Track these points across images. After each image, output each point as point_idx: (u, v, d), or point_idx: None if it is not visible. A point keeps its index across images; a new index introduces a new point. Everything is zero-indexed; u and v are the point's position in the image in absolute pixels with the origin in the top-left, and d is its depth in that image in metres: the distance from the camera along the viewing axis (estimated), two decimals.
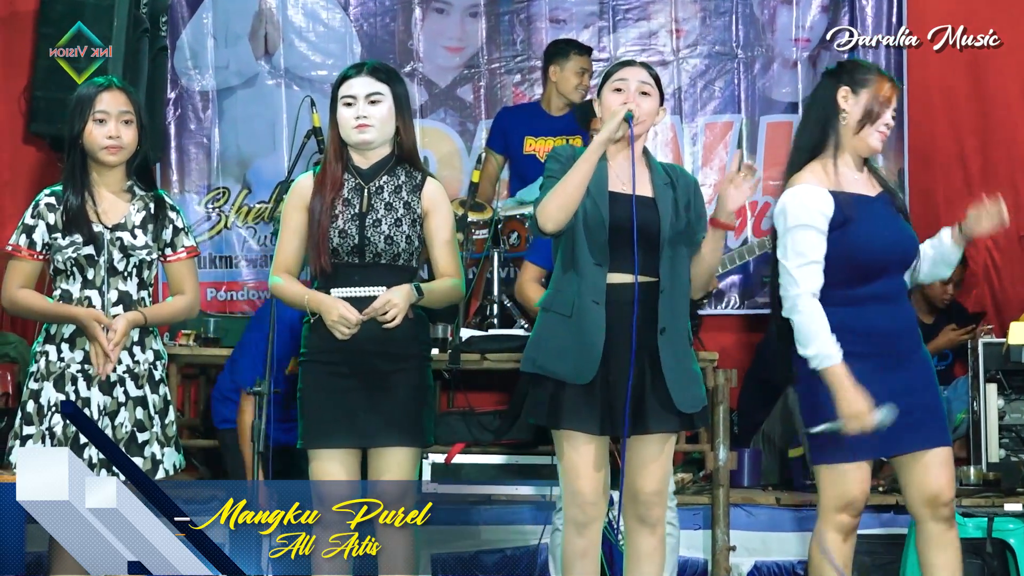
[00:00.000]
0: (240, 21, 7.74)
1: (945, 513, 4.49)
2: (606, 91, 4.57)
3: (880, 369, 4.43)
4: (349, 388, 4.54)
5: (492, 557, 6.26)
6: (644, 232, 4.45)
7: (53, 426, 4.57)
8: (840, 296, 4.45)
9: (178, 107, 7.72)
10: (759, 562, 6.28)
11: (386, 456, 4.56)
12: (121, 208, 4.67)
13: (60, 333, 4.62)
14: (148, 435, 4.64)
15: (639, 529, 4.58)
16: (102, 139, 4.61)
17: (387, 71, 4.65)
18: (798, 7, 7.68)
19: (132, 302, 4.64)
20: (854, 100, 4.48)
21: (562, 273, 4.51)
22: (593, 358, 4.41)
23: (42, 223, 4.64)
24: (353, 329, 4.48)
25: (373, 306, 4.48)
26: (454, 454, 6.21)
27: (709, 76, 7.73)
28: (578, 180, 4.40)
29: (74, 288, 4.62)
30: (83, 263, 4.61)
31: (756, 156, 7.69)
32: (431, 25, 7.79)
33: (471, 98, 7.81)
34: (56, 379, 4.59)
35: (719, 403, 6.15)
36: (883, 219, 4.49)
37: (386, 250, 4.55)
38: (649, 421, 4.46)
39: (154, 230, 4.68)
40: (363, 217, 4.57)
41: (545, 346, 4.48)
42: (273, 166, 7.50)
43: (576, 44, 7.23)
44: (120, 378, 4.61)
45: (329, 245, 4.54)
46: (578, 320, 4.44)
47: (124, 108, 4.63)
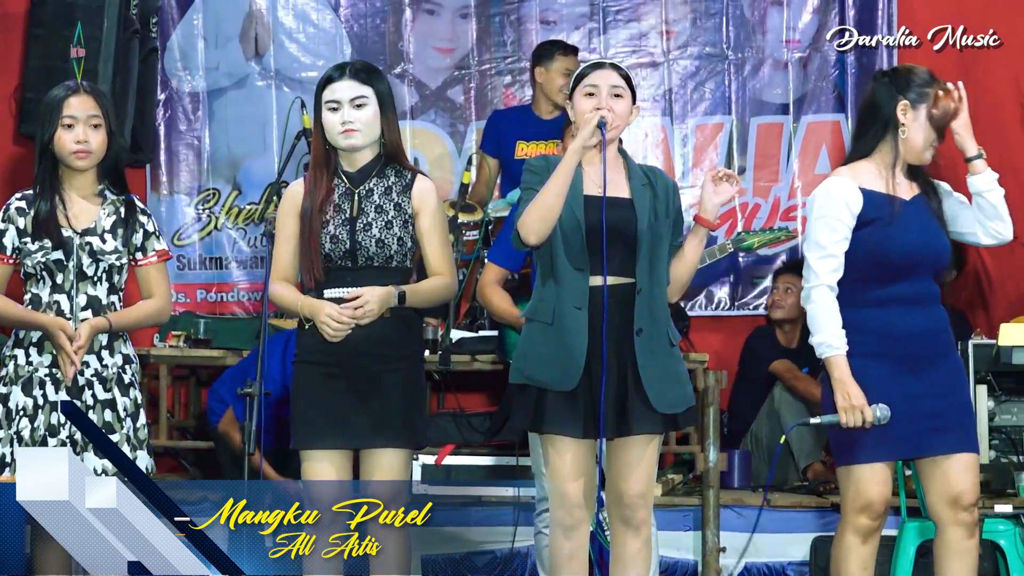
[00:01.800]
0: (230, 22, 7.74)
1: (966, 518, 4.49)
2: (578, 96, 4.56)
3: (899, 371, 4.45)
4: (341, 389, 4.53)
5: (482, 558, 6.26)
6: (622, 233, 4.45)
7: (21, 430, 4.55)
8: (863, 296, 4.48)
9: (168, 108, 7.71)
10: (749, 563, 6.28)
11: (378, 457, 4.56)
12: (91, 212, 4.65)
13: (28, 337, 4.60)
14: (118, 437, 4.60)
15: (624, 531, 4.58)
16: (71, 144, 4.58)
17: (368, 71, 4.62)
18: (789, 8, 7.68)
19: (101, 307, 4.61)
20: (913, 115, 4.49)
21: (542, 283, 4.52)
22: (576, 365, 4.41)
23: (12, 227, 4.61)
24: (341, 329, 4.47)
25: (348, 305, 4.48)
26: (444, 455, 6.22)
27: (700, 77, 7.73)
28: (556, 190, 4.41)
29: (43, 292, 4.60)
30: (52, 268, 4.59)
31: (747, 157, 7.69)
32: (421, 26, 7.78)
33: (461, 99, 7.80)
34: (24, 383, 4.57)
35: (709, 404, 6.16)
36: (914, 221, 4.49)
37: (378, 253, 4.55)
38: (631, 423, 4.46)
39: (124, 234, 4.65)
40: (354, 222, 4.56)
41: (530, 355, 4.49)
42: (263, 167, 7.49)
43: (562, 45, 7.22)
44: (88, 381, 4.59)
45: (321, 251, 4.54)
46: (559, 327, 4.44)
47: (92, 112, 4.61)
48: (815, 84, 7.69)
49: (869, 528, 4.49)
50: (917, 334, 4.47)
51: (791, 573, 6.26)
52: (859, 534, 4.50)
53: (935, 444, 4.48)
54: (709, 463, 6.19)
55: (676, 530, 6.20)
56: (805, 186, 7.66)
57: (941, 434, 4.46)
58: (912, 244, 4.47)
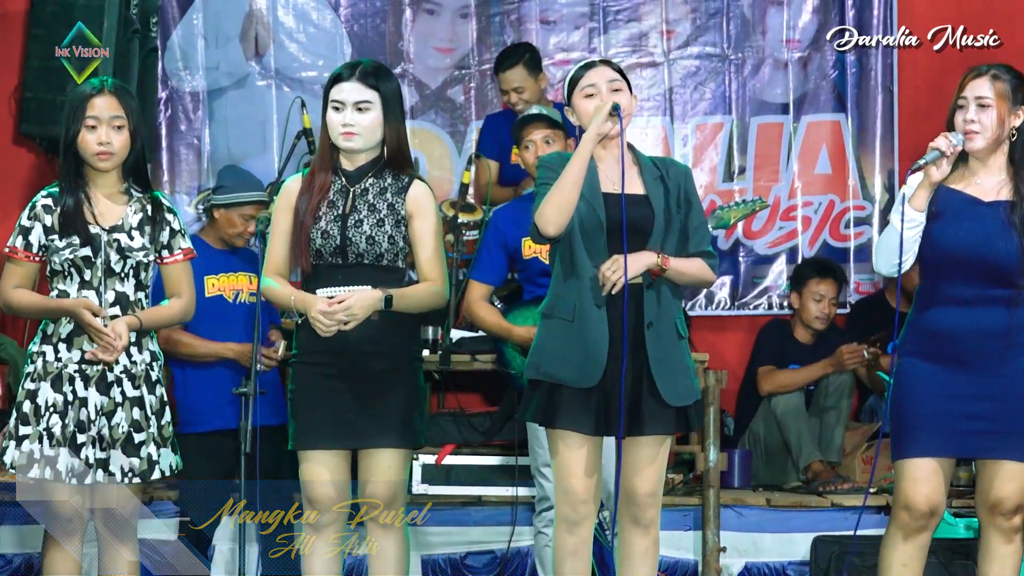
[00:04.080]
0: (230, 22, 7.73)
1: (1003, 524, 4.51)
2: (577, 98, 4.56)
3: (946, 370, 4.48)
4: (339, 389, 4.54)
5: (482, 558, 6.26)
6: (641, 230, 4.47)
7: (51, 426, 4.57)
8: (920, 293, 4.55)
9: (168, 108, 7.71)
10: (749, 563, 6.28)
11: (377, 457, 4.56)
12: (118, 210, 4.69)
13: (57, 333, 4.62)
14: (145, 435, 4.64)
15: (632, 530, 4.58)
16: (93, 145, 4.62)
17: (378, 74, 4.61)
18: (789, 8, 7.68)
19: (129, 303, 4.65)
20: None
21: (563, 279, 4.51)
22: (598, 363, 4.43)
23: (39, 225, 4.65)
24: (332, 325, 4.47)
25: (335, 308, 4.47)
26: (444, 455, 6.21)
27: (700, 77, 7.73)
28: (572, 179, 4.41)
29: (71, 289, 4.63)
30: (80, 264, 4.62)
31: (747, 157, 7.69)
32: (421, 26, 7.78)
33: (461, 99, 7.80)
34: (53, 379, 4.60)
35: (710, 404, 6.16)
36: (976, 223, 4.48)
37: (368, 250, 4.55)
38: (644, 423, 4.48)
39: (151, 232, 4.69)
40: (345, 218, 4.57)
41: (548, 351, 4.49)
42: (263, 167, 7.47)
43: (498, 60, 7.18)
44: (117, 378, 4.62)
45: (312, 246, 4.54)
46: (581, 325, 4.45)
47: (115, 113, 4.64)
48: (815, 84, 7.69)
49: (910, 526, 4.52)
50: (961, 335, 4.47)
51: (791, 573, 6.26)
52: (900, 530, 4.54)
53: (977, 446, 4.50)
54: (709, 463, 6.19)
55: (676, 530, 6.19)
56: (805, 186, 7.67)
57: (987, 437, 4.47)
58: (960, 245, 4.47)
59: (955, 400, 4.45)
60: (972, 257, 4.47)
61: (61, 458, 4.54)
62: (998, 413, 4.46)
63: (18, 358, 6.38)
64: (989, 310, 4.47)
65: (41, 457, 4.55)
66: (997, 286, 4.47)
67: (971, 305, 4.48)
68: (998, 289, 4.47)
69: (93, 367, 4.59)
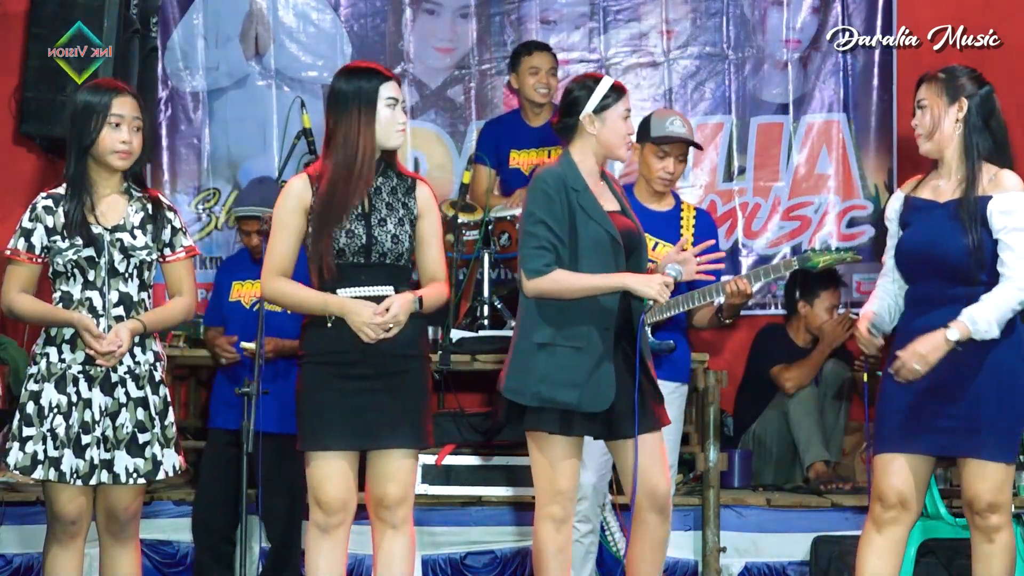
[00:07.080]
0: (230, 22, 7.73)
1: (980, 523, 4.54)
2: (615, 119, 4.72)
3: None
4: (350, 390, 4.54)
5: (482, 558, 6.26)
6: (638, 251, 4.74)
7: (55, 427, 4.57)
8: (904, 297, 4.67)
9: (168, 108, 7.70)
10: (749, 563, 6.29)
11: (387, 457, 4.56)
12: (119, 210, 4.69)
13: (61, 334, 4.63)
14: (149, 436, 4.65)
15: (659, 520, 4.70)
16: (116, 143, 4.63)
17: None
18: (789, 8, 7.69)
19: (133, 303, 4.65)
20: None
21: (559, 307, 4.60)
22: (611, 384, 4.57)
23: (40, 226, 4.65)
24: (378, 331, 4.48)
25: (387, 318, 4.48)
26: (444, 455, 6.21)
27: (700, 77, 7.73)
28: (585, 289, 4.57)
29: (75, 290, 4.63)
30: (84, 265, 4.62)
31: (747, 157, 7.70)
32: (422, 26, 7.78)
33: (461, 99, 7.80)
34: (57, 380, 4.60)
35: (709, 404, 6.17)
36: (931, 225, 4.56)
37: (392, 249, 4.56)
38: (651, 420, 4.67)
39: (153, 230, 4.70)
40: (368, 217, 4.56)
41: (554, 380, 4.57)
42: (263, 167, 7.48)
43: (526, 45, 7.20)
44: (121, 379, 4.62)
45: (335, 245, 4.53)
46: (591, 351, 4.58)
47: (136, 115, 4.68)
48: (815, 84, 7.69)
49: (881, 517, 4.59)
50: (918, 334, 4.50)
51: (791, 573, 6.26)
52: (874, 522, 4.61)
53: (946, 444, 4.54)
54: (709, 463, 6.19)
55: (676, 530, 6.18)
56: (805, 186, 7.67)
57: (955, 435, 4.51)
58: (917, 247, 4.57)
59: (925, 398, 4.52)
60: (925, 257, 4.56)
61: (66, 459, 4.54)
62: (964, 412, 4.50)
63: (18, 358, 6.37)
64: (950, 309, 4.50)
65: (45, 458, 4.55)
66: (957, 284, 4.53)
67: (933, 304, 4.55)
68: (958, 287, 4.52)
69: (97, 368, 4.59)
